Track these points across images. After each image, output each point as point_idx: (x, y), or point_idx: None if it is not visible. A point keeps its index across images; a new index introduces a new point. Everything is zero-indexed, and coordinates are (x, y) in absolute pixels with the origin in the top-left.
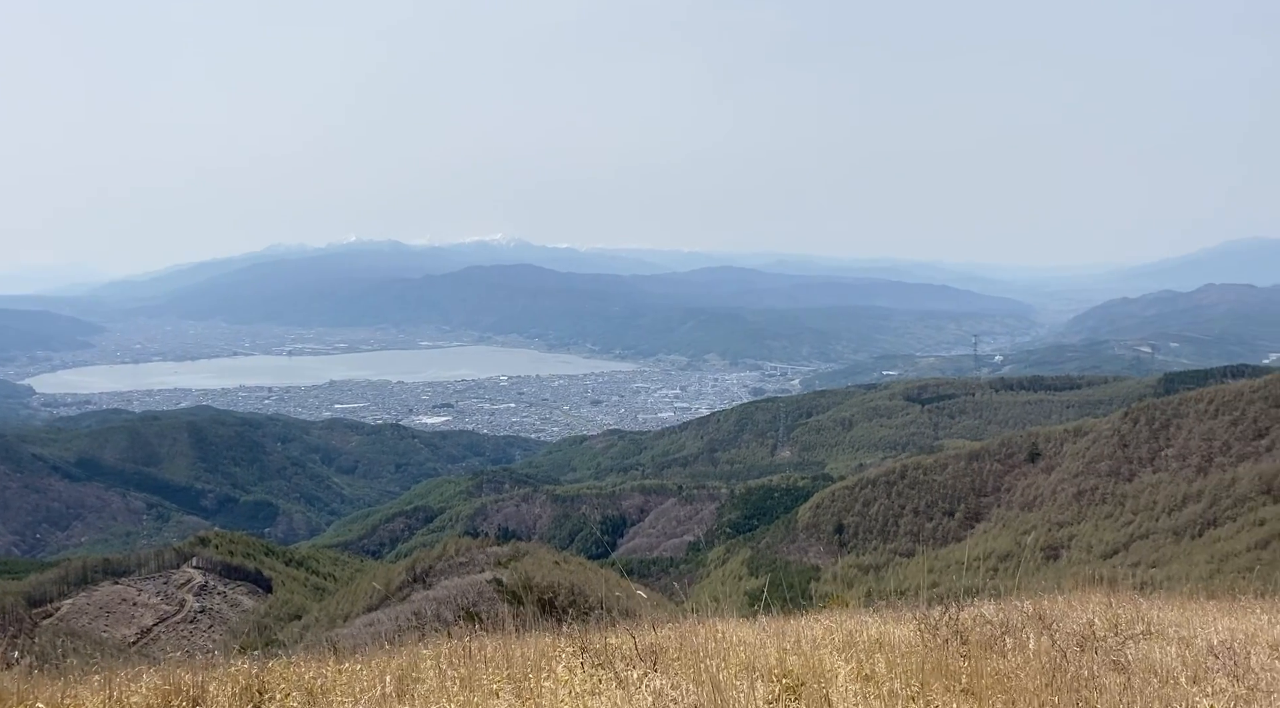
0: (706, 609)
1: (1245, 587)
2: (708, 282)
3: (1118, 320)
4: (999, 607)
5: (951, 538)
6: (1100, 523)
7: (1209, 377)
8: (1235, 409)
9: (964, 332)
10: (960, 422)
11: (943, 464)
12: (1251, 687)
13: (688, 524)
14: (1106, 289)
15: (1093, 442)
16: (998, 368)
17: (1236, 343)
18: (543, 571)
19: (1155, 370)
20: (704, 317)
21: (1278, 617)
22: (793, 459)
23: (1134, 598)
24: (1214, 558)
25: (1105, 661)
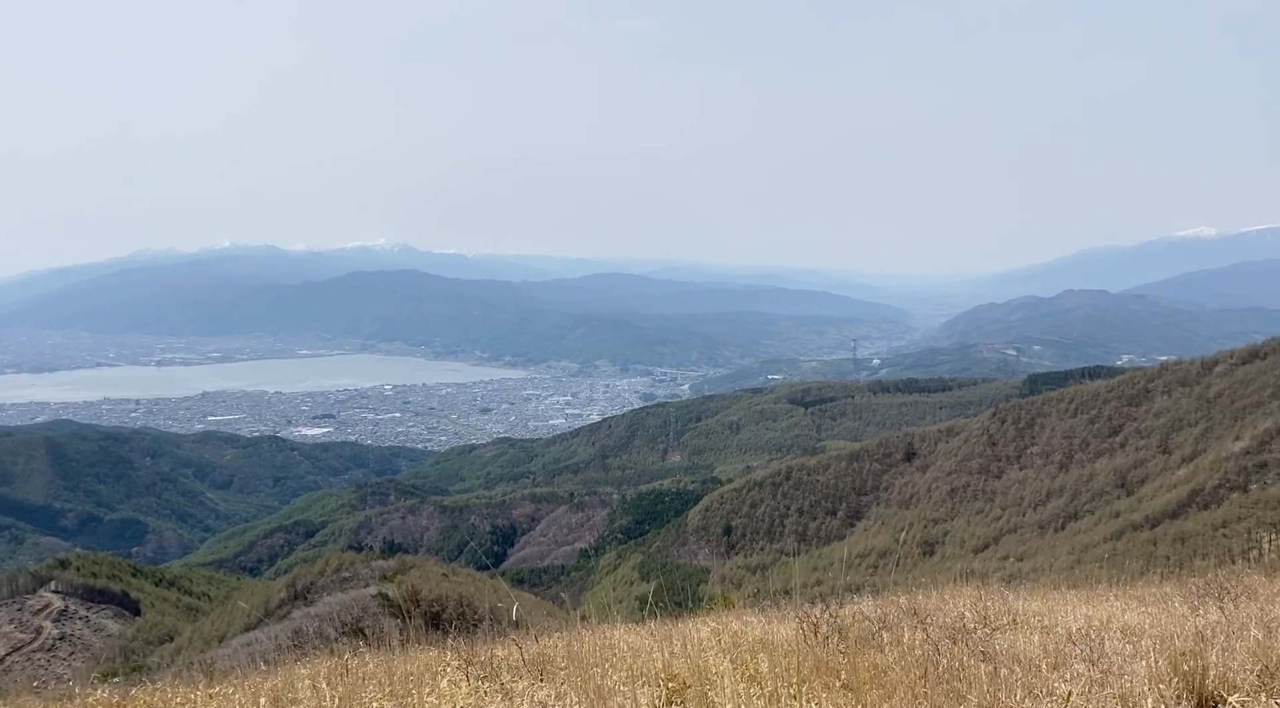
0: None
1: (1102, 576)
2: (598, 288)
3: (985, 325)
4: (877, 603)
5: (834, 536)
6: (972, 519)
7: (1069, 378)
8: (1093, 408)
9: (844, 336)
10: (841, 423)
11: (825, 465)
12: (1105, 670)
13: (579, 531)
14: (975, 295)
15: (964, 441)
16: (875, 371)
17: (1093, 345)
18: (430, 583)
19: (1020, 372)
20: (595, 323)
21: (1130, 604)
22: (683, 463)
23: (1002, 591)
24: (1075, 549)
25: (975, 652)
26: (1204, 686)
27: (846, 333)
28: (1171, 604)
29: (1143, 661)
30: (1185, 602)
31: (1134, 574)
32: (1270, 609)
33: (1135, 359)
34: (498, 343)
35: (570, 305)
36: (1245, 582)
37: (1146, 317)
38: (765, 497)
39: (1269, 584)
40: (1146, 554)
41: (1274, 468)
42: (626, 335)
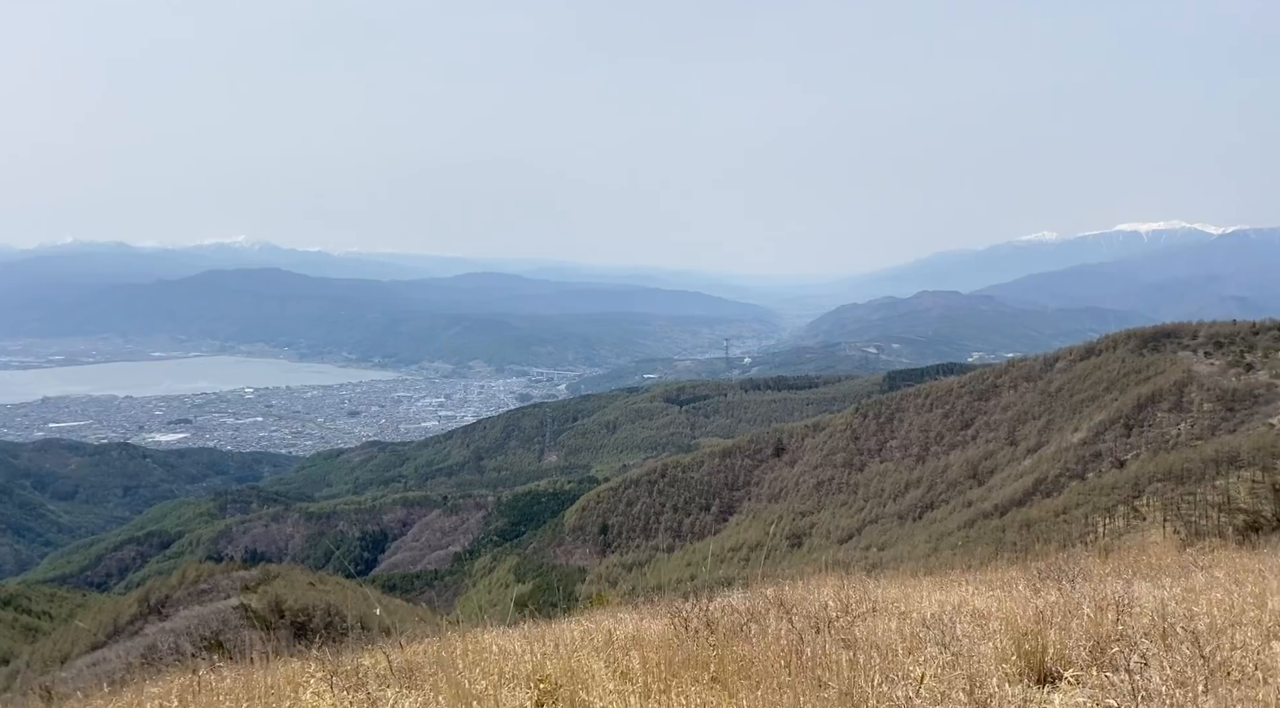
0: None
1: (955, 562)
2: (471, 287)
3: (848, 324)
4: (746, 595)
5: (708, 531)
6: (837, 511)
7: (925, 374)
8: (946, 403)
9: (717, 336)
10: (715, 421)
11: (699, 462)
12: (956, 653)
13: (453, 535)
14: (838, 295)
15: (829, 436)
16: (747, 370)
17: (946, 343)
18: (296, 593)
19: (881, 369)
20: (468, 323)
21: (980, 588)
22: (560, 463)
23: (863, 580)
24: (931, 537)
25: (837, 640)
26: (1043, 663)
27: (719, 332)
28: (1016, 588)
29: (990, 642)
30: (1028, 585)
31: (984, 560)
32: (1102, 589)
33: (985, 356)
34: (366, 344)
35: (443, 305)
36: (1081, 564)
37: (994, 316)
38: (641, 495)
39: (1102, 565)
40: (996, 540)
41: (1108, 457)
42: (502, 335)
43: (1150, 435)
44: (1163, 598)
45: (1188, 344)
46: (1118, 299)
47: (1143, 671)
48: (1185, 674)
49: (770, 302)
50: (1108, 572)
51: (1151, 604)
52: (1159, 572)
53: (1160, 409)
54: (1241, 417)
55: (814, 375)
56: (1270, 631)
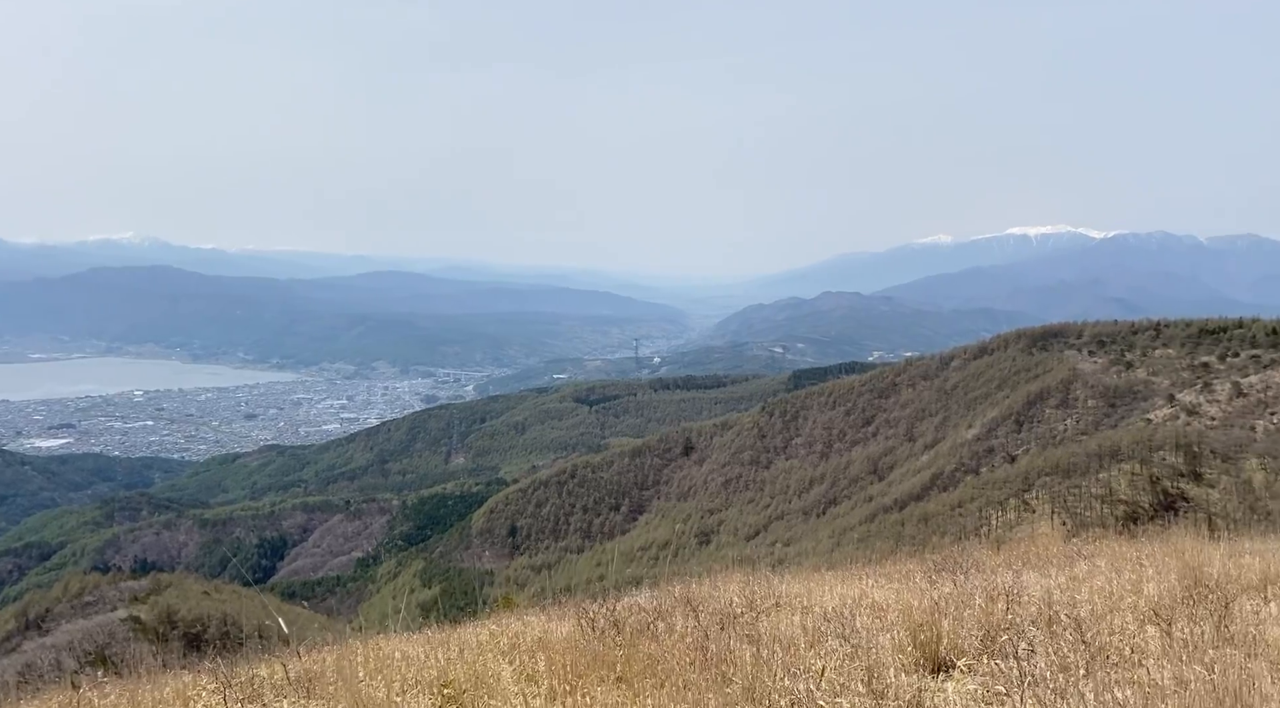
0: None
1: (857, 556)
2: (375, 286)
3: (755, 324)
4: (654, 594)
5: (618, 531)
6: (744, 507)
7: (828, 373)
8: (849, 401)
9: (626, 336)
10: (625, 420)
11: (609, 462)
12: (856, 645)
13: (356, 540)
14: (746, 296)
15: (737, 434)
16: (656, 369)
17: (848, 343)
18: (189, 603)
19: (787, 368)
20: (372, 323)
21: (880, 581)
22: (467, 466)
23: (768, 576)
24: (835, 532)
25: (741, 636)
26: (938, 652)
27: (629, 332)
28: (913, 580)
29: (888, 633)
30: (925, 577)
31: (884, 553)
32: (993, 580)
33: (885, 356)
34: (264, 344)
35: (345, 304)
36: (975, 556)
37: (894, 317)
38: (551, 496)
39: (994, 557)
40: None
41: (1000, 452)
42: (407, 336)
43: (1039, 431)
44: (1049, 587)
45: (1073, 343)
46: (1009, 300)
47: (1030, 657)
48: (1068, 659)
49: (679, 302)
50: (999, 563)
51: (1039, 593)
52: (1046, 562)
53: (1048, 406)
54: (1122, 412)
55: (722, 375)
56: (1145, 615)
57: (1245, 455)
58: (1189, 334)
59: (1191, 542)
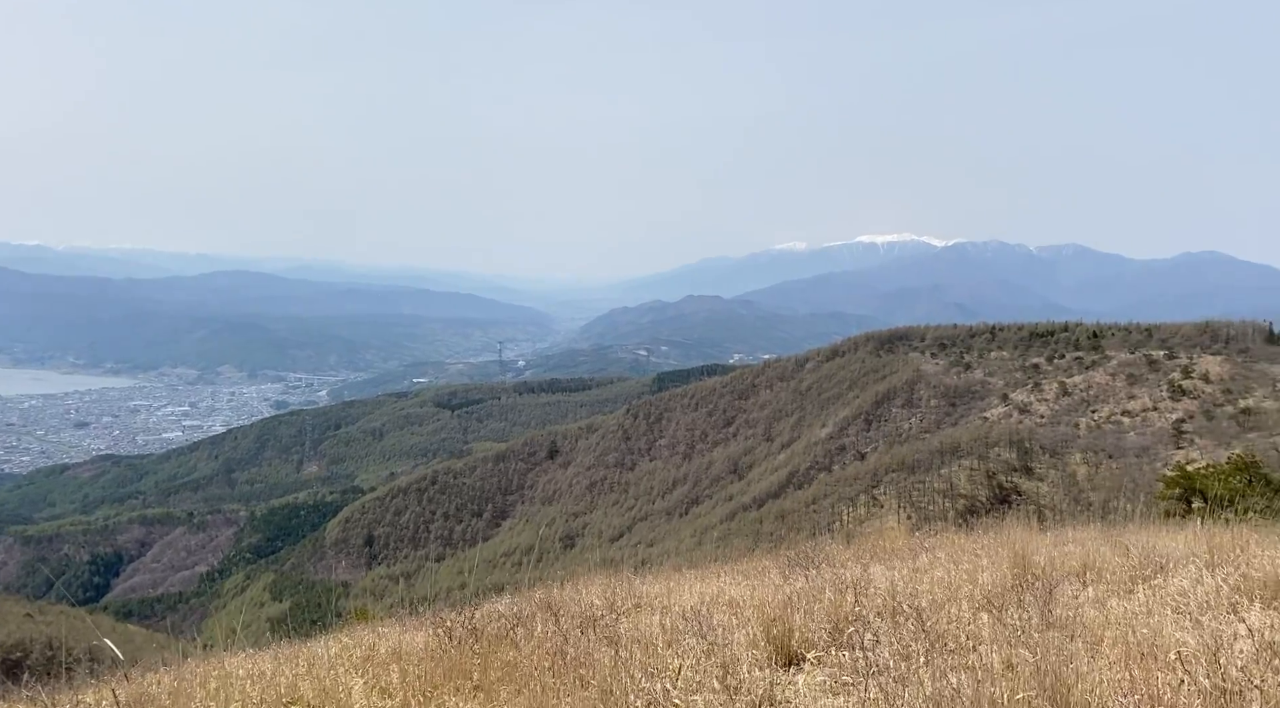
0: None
1: (717, 555)
2: (221, 287)
3: (620, 327)
4: (514, 600)
5: (481, 537)
6: (609, 510)
7: (691, 375)
8: (710, 402)
9: (490, 338)
10: (488, 425)
11: (472, 467)
12: (712, 642)
13: (201, 554)
14: (610, 299)
15: (602, 437)
16: (521, 373)
17: (710, 346)
18: (8, 627)
19: (651, 371)
20: (217, 325)
21: (737, 579)
22: (321, 474)
23: (630, 577)
24: (696, 531)
25: (601, 638)
26: (789, 646)
27: (493, 335)
28: (769, 576)
29: (743, 630)
30: (780, 573)
31: (743, 551)
32: (842, 574)
33: (744, 358)
34: (96, 348)
35: (188, 306)
36: (826, 551)
37: (752, 320)
38: (410, 503)
39: (845, 551)
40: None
41: (851, 450)
42: (255, 339)
43: (887, 429)
44: (893, 579)
45: (917, 346)
46: (858, 304)
47: (875, 648)
48: (909, 648)
49: (545, 304)
50: (849, 557)
51: (884, 586)
52: (892, 555)
53: (895, 405)
54: (962, 411)
55: (587, 378)
56: (980, 604)
57: (1070, 450)
58: (1021, 337)
59: (1022, 533)
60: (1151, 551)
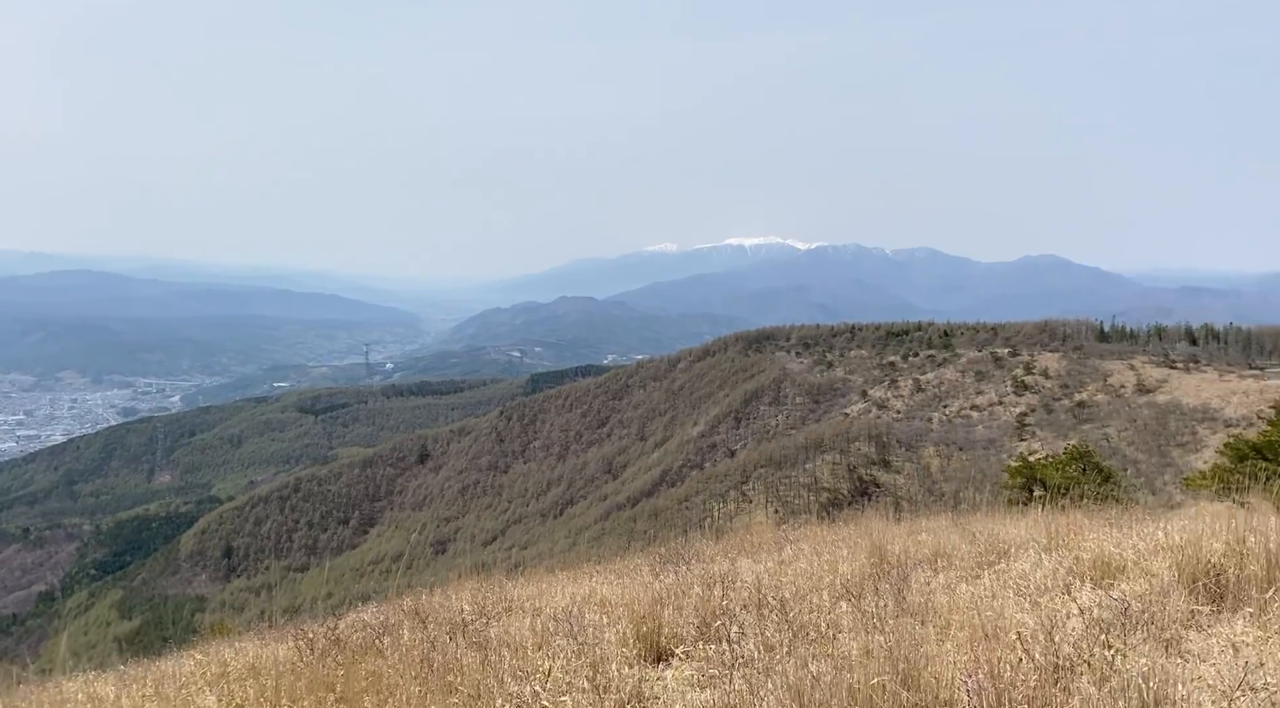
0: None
1: (591, 555)
2: (60, 286)
3: (493, 328)
4: (381, 608)
5: (348, 546)
6: (482, 514)
7: (565, 376)
8: (585, 403)
9: (356, 341)
10: (354, 430)
11: (337, 473)
12: (582, 643)
13: (38, 572)
14: (483, 300)
15: (474, 440)
16: (389, 375)
17: (584, 347)
18: None
19: (524, 372)
20: (56, 328)
21: (609, 578)
22: (175, 484)
23: (501, 580)
24: (571, 532)
25: (470, 643)
26: (659, 642)
27: (359, 337)
28: (640, 574)
29: (613, 628)
30: (651, 570)
31: (617, 550)
32: (711, 569)
33: (618, 358)
34: None
35: (22, 307)
36: (697, 547)
37: (626, 321)
38: (272, 512)
39: (714, 547)
40: (628, 531)
41: (722, 447)
42: (100, 342)
43: (755, 427)
44: (759, 572)
45: (783, 345)
46: (727, 305)
47: (740, 640)
48: (773, 639)
49: (414, 305)
50: (718, 552)
51: (750, 579)
52: (758, 549)
53: (763, 403)
54: (825, 407)
55: (459, 380)
56: (840, 593)
57: (924, 444)
58: (878, 337)
59: (879, 523)
60: (996, 537)
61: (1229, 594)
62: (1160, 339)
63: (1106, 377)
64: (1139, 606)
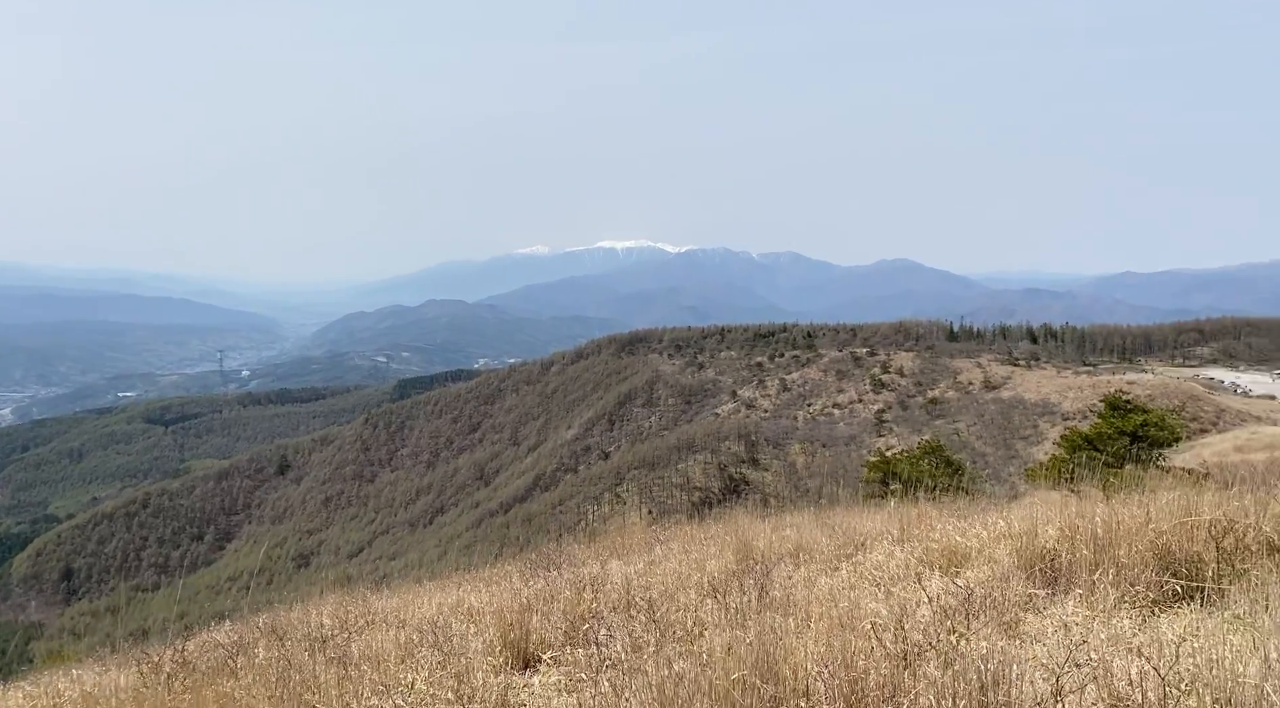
0: None
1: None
2: None
3: (357, 333)
4: (236, 627)
5: (202, 563)
6: (347, 525)
7: (434, 381)
8: (455, 409)
9: (209, 347)
10: (209, 441)
11: (190, 487)
12: (448, 653)
13: None
14: (346, 303)
15: (338, 449)
16: (246, 383)
17: (454, 351)
18: None
19: (391, 378)
20: None
21: (479, 586)
22: (6, 503)
23: (364, 593)
24: (442, 541)
25: (330, 659)
26: (526, 649)
27: (212, 343)
28: (510, 580)
29: (480, 637)
30: (521, 577)
31: (488, 558)
32: (582, 572)
33: (489, 362)
34: None
35: None
36: (568, 551)
37: (497, 324)
38: (118, 530)
39: (586, 550)
40: (501, 537)
41: (595, 450)
42: None
43: (629, 428)
44: (629, 573)
45: (655, 347)
46: (600, 308)
47: (609, 642)
48: (641, 639)
49: (272, 310)
50: (590, 555)
51: (620, 580)
52: (630, 550)
53: (636, 405)
54: (696, 408)
55: (321, 387)
56: (706, 590)
57: (791, 441)
58: (747, 338)
59: (746, 520)
60: (854, 530)
61: (1062, 577)
62: (1004, 338)
63: (956, 374)
64: (982, 591)
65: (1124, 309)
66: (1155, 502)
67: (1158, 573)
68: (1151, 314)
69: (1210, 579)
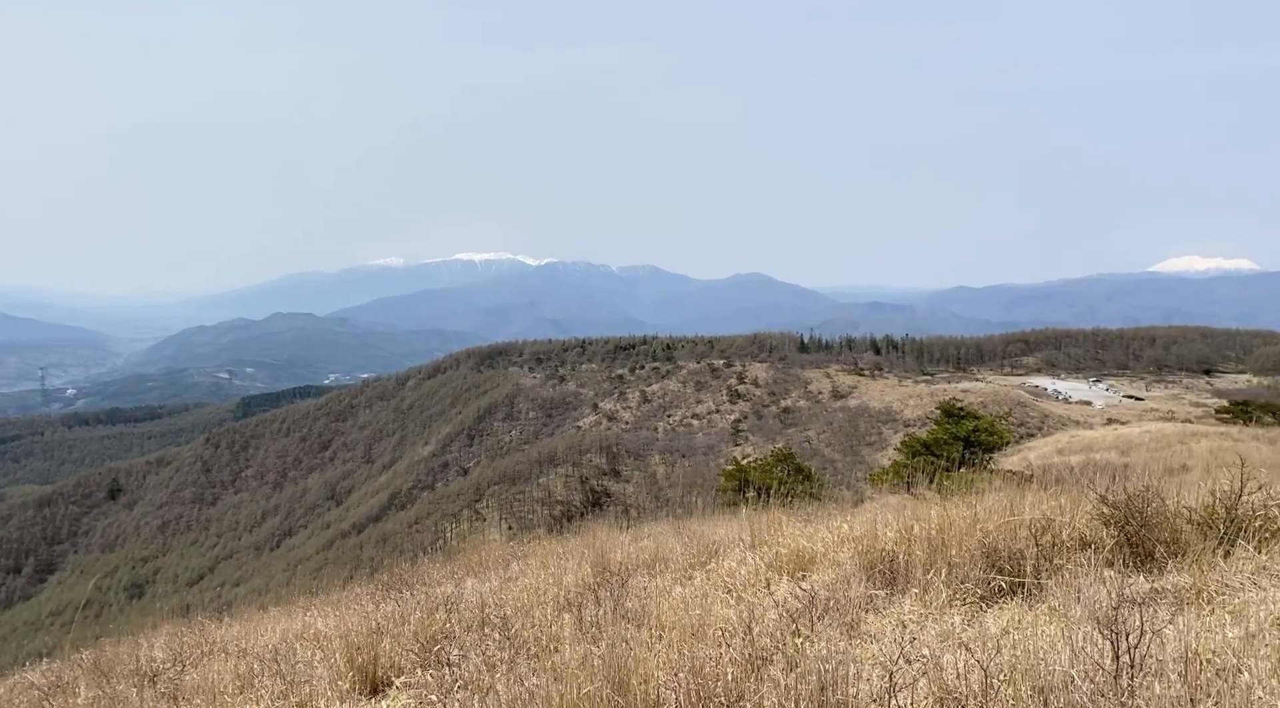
0: None
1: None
2: None
3: (196, 348)
4: (54, 666)
5: (20, 597)
6: (186, 551)
7: (281, 398)
8: (304, 427)
9: (28, 365)
10: (29, 465)
11: (6, 516)
12: (291, 681)
13: None
14: (184, 317)
15: (176, 471)
16: (71, 403)
17: (303, 366)
18: None
19: (234, 395)
20: None
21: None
22: None
23: (203, 622)
24: (290, 565)
25: (160, 694)
26: (375, 673)
27: (32, 361)
28: (361, 604)
29: (326, 663)
30: (371, 599)
31: (339, 580)
32: (435, 591)
33: (341, 378)
34: None
35: None
36: (422, 571)
37: (349, 338)
38: None
39: (442, 568)
40: (354, 559)
41: (454, 466)
42: None
43: (489, 443)
44: (484, 591)
45: (516, 360)
46: (459, 321)
47: (462, 662)
48: (495, 657)
49: (100, 324)
50: (445, 575)
51: (475, 599)
52: (487, 568)
53: (496, 419)
54: (558, 421)
55: (157, 406)
56: (563, 604)
57: (651, 452)
58: (607, 350)
59: (605, 532)
60: (708, 538)
61: (900, 577)
62: (850, 349)
63: (807, 384)
64: (826, 594)
65: (958, 322)
66: (983, 503)
67: (985, 570)
68: (983, 326)
69: (1030, 574)
